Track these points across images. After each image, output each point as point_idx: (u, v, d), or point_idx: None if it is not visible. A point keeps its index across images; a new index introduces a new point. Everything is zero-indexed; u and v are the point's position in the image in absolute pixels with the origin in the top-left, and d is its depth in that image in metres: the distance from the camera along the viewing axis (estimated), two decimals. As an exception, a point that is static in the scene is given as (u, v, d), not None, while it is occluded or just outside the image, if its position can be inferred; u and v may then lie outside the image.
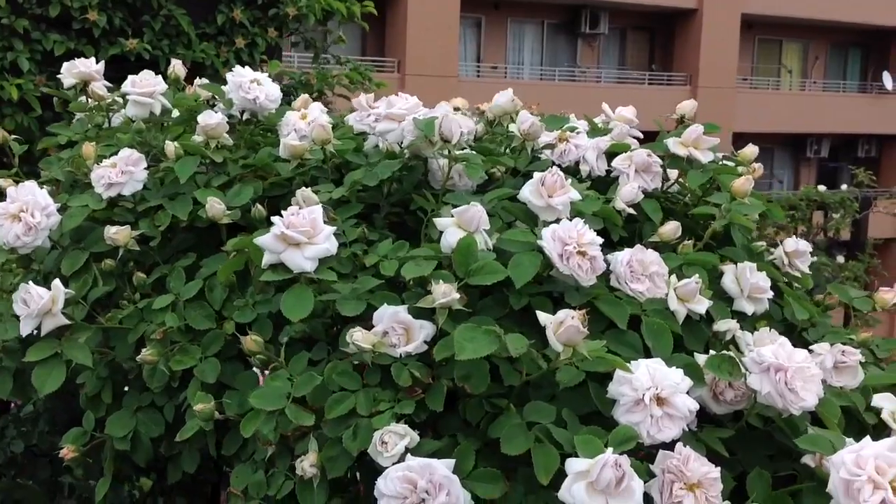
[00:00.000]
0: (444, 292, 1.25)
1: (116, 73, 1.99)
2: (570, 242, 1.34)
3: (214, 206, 1.53)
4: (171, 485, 2.11)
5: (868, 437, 1.21)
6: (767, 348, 1.30)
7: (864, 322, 1.56)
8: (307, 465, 1.27)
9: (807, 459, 1.32)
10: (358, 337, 1.27)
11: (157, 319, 1.50)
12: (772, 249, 1.75)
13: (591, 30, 15.67)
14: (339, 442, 1.26)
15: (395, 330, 1.30)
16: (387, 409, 1.26)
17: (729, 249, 1.65)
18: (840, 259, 7.21)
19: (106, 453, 1.58)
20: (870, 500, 1.14)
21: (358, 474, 1.37)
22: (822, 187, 7.28)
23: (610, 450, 1.15)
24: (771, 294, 1.55)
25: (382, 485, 1.19)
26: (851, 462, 1.16)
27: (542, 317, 1.22)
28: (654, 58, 16.68)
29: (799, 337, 1.62)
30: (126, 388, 1.62)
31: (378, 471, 1.20)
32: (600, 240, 1.37)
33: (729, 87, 15.97)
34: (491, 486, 1.22)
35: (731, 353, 1.32)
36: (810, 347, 1.51)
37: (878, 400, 1.41)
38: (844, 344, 1.49)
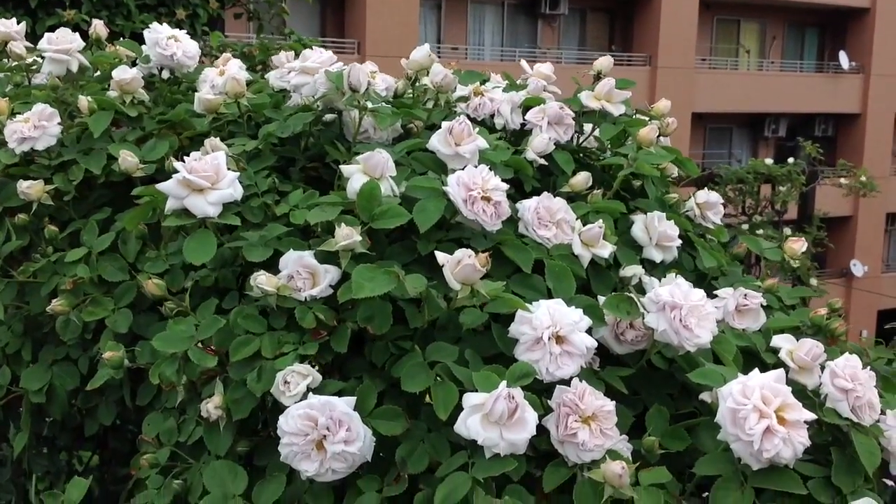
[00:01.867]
0: (347, 235, 1.27)
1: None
2: (475, 188, 1.36)
3: (127, 160, 1.53)
4: (111, 456, 2.11)
5: (756, 370, 1.25)
6: (664, 288, 1.34)
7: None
8: (212, 406, 1.28)
9: (704, 396, 1.36)
10: (262, 280, 1.28)
11: (70, 272, 1.50)
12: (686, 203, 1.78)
13: (552, 10, 15.69)
14: (243, 384, 1.28)
15: (300, 274, 1.31)
16: (291, 350, 1.28)
17: (642, 201, 1.68)
18: (787, 231, 7.31)
19: (23, 408, 1.58)
20: (755, 429, 1.18)
21: (268, 420, 1.38)
22: (769, 160, 7.37)
23: (504, 383, 1.18)
24: (679, 242, 1.59)
25: (284, 423, 1.21)
26: (738, 392, 1.20)
27: (441, 256, 1.24)
28: (614, 38, 16.75)
29: (709, 286, 1.65)
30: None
31: (284, 414, 1.22)
32: (505, 186, 1.40)
33: (688, 68, 16.08)
34: (392, 423, 1.24)
35: (630, 294, 1.35)
36: (715, 290, 1.56)
37: (777, 340, 1.44)
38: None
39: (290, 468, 1.27)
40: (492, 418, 1.17)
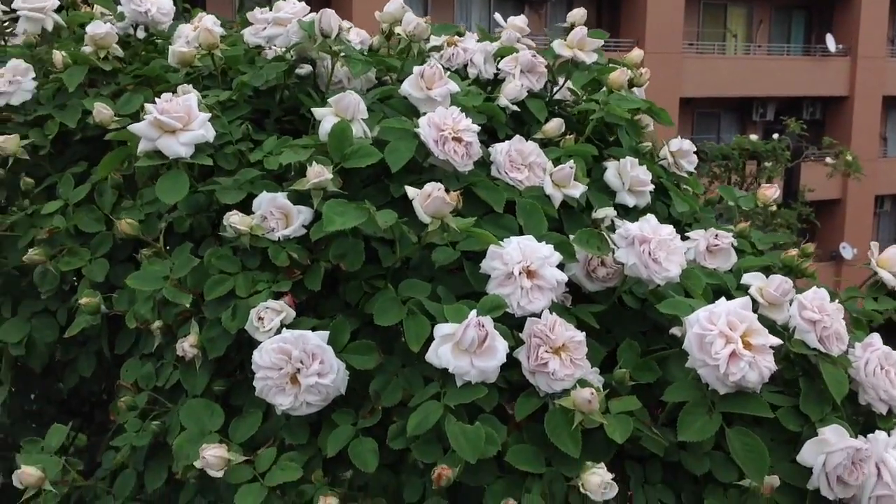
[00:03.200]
0: (318, 173, 1.28)
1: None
2: (446, 128, 1.37)
3: (102, 112, 1.54)
4: (98, 430, 2.11)
5: (723, 299, 1.27)
6: (634, 224, 1.35)
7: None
8: (187, 345, 1.29)
9: (674, 331, 1.38)
10: (236, 220, 1.29)
11: (46, 224, 1.51)
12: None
13: (538, -3, 15.69)
14: (218, 322, 1.29)
15: (273, 215, 1.33)
16: (265, 289, 1.29)
17: (615, 150, 1.69)
18: (772, 207, 7.32)
19: (3, 361, 1.59)
20: (721, 353, 1.19)
21: (243, 363, 1.40)
22: (754, 136, 7.40)
23: (474, 311, 1.20)
24: (652, 187, 1.60)
25: (258, 357, 1.23)
26: (705, 318, 1.22)
27: (411, 191, 1.26)
28: (601, 24, 16.71)
29: (682, 232, 1.67)
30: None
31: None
32: (476, 127, 1.41)
33: (676, 53, 16.07)
34: (366, 357, 1.26)
35: (600, 230, 1.37)
36: (687, 234, 1.57)
37: (747, 278, 1.46)
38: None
39: (267, 406, 1.29)
40: (462, 346, 1.18)
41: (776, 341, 1.23)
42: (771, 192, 1.74)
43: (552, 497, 1.20)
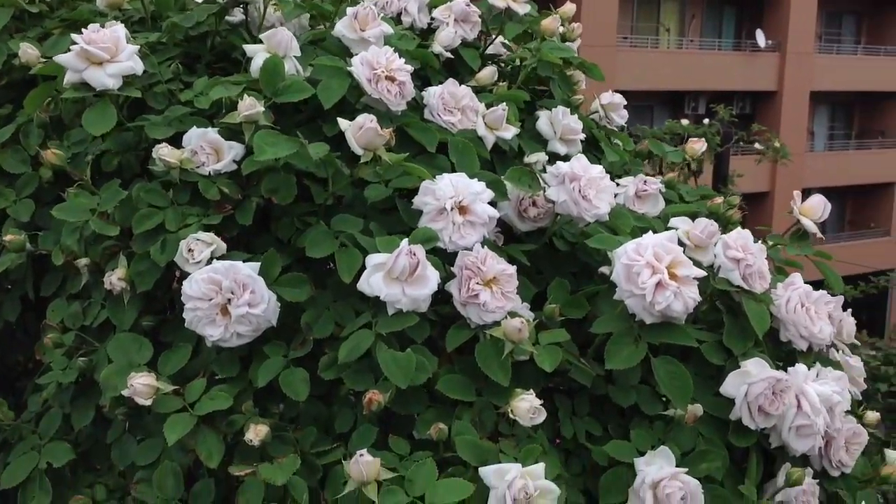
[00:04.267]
0: (249, 105, 1.27)
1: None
2: (379, 67, 1.37)
3: (28, 52, 1.50)
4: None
5: (650, 232, 1.30)
6: (564, 163, 1.37)
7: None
8: (115, 278, 1.28)
9: (604, 270, 1.40)
10: (165, 153, 1.28)
11: (-30, 164, 1.47)
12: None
13: (475, -11, 15.71)
14: (147, 256, 1.27)
15: (203, 149, 1.31)
16: (195, 222, 1.28)
17: (547, 101, 1.71)
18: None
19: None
20: (647, 282, 1.22)
21: (174, 301, 1.38)
22: (684, 121, 7.57)
23: (406, 240, 1.20)
24: (583, 136, 1.62)
25: (188, 287, 1.21)
26: (632, 250, 1.25)
27: (343, 122, 1.26)
28: (537, 16, 16.82)
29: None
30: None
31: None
32: (409, 67, 1.41)
33: (610, 46, 16.27)
34: (297, 290, 1.26)
35: (531, 168, 1.39)
36: (616, 181, 1.60)
37: (674, 222, 1.49)
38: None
39: (197, 340, 1.28)
40: (393, 275, 1.19)
41: (700, 273, 1.27)
42: (699, 145, 1.78)
43: (482, 425, 1.22)
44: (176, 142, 1.35)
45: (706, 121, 8.29)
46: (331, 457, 1.19)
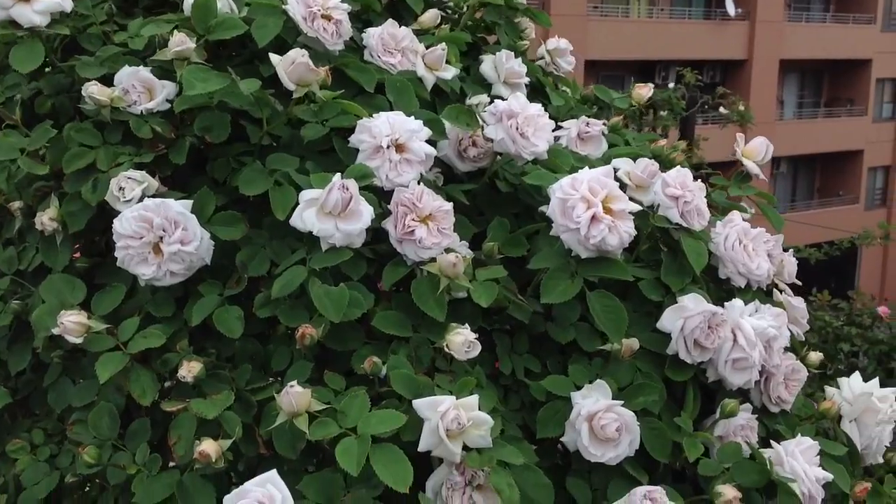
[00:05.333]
0: (180, 41, 1.26)
1: None
2: (315, 5, 1.36)
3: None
4: None
5: (586, 168, 1.30)
6: (502, 101, 1.37)
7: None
8: (46, 218, 1.26)
9: (544, 209, 1.40)
10: (94, 90, 1.26)
11: None
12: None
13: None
14: (79, 196, 1.26)
15: (135, 88, 1.29)
16: (126, 161, 1.26)
17: (492, 47, 1.70)
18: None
19: None
20: (582, 216, 1.22)
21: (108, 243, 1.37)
22: (650, 85, 7.55)
23: (339, 175, 1.20)
24: (527, 80, 1.62)
25: (118, 225, 1.20)
26: (567, 184, 1.25)
27: (274, 57, 1.24)
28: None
29: (558, 128, 1.70)
30: None
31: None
32: (346, 6, 1.40)
33: (580, 15, 16.24)
34: (232, 228, 1.25)
35: (469, 106, 1.38)
36: (559, 123, 1.60)
37: (616, 163, 1.49)
38: (592, 120, 1.58)
39: (133, 282, 1.27)
40: (326, 209, 1.18)
41: (635, 207, 1.27)
42: (645, 90, 1.78)
43: (418, 361, 1.22)
44: (109, 83, 1.33)
45: (671, 85, 8.30)
46: (265, 393, 1.18)
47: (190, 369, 1.15)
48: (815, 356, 1.62)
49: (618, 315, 1.24)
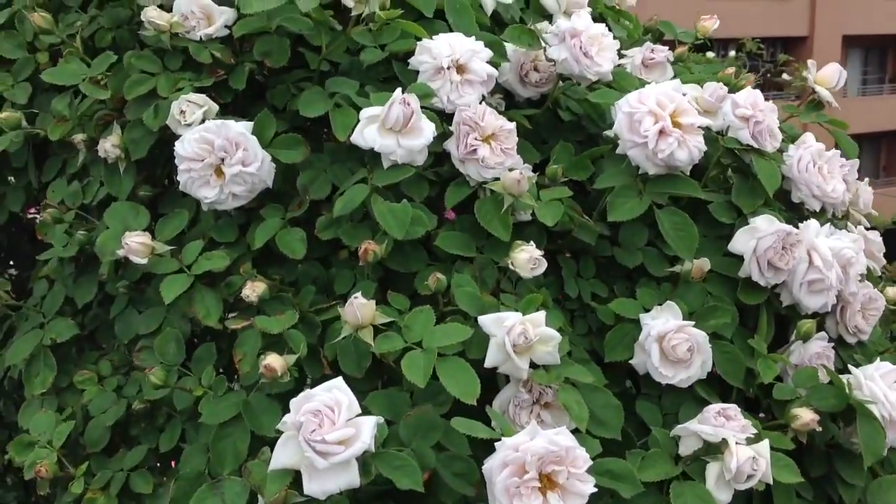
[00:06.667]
0: (237, -36, 1.25)
1: None
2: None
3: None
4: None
5: (653, 82, 1.26)
6: (565, 21, 1.33)
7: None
8: (109, 145, 1.26)
9: (608, 133, 1.36)
10: (153, 15, 1.25)
11: (-34, 50, 1.46)
12: None
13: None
14: (140, 123, 1.26)
15: (194, 14, 1.29)
16: (186, 86, 1.26)
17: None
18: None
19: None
20: (650, 130, 1.19)
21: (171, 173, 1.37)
22: (710, 54, 7.39)
23: (399, 90, 1.17)
24: (589, 9, 1.58)
25: (180, 148, 1.20)
26: (634, 99, 1.21)
27: (331, -25, 1.23)
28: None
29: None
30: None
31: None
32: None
33: (636, -6, 16.05)
34: (293, 151, 1.24)
35: (531, 27, 1.35)
36: (621, 52, 1.56)
37: (684, 89, 1.45)
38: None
39: (196, 208, 1.27)
40: (387, 125, 1.16)
41: (705, 121, 1.23)
42: (710, 22, 1.73)
43: (483, 282, 1.19)
44: (168, 11, 1.33)
45: (732, 52, 8.13)
46: (329, 314, 1.17)
47: (254, 288, 1.15)
48: (893, 291, 1.56)
49: (688, 232, 1.20)
